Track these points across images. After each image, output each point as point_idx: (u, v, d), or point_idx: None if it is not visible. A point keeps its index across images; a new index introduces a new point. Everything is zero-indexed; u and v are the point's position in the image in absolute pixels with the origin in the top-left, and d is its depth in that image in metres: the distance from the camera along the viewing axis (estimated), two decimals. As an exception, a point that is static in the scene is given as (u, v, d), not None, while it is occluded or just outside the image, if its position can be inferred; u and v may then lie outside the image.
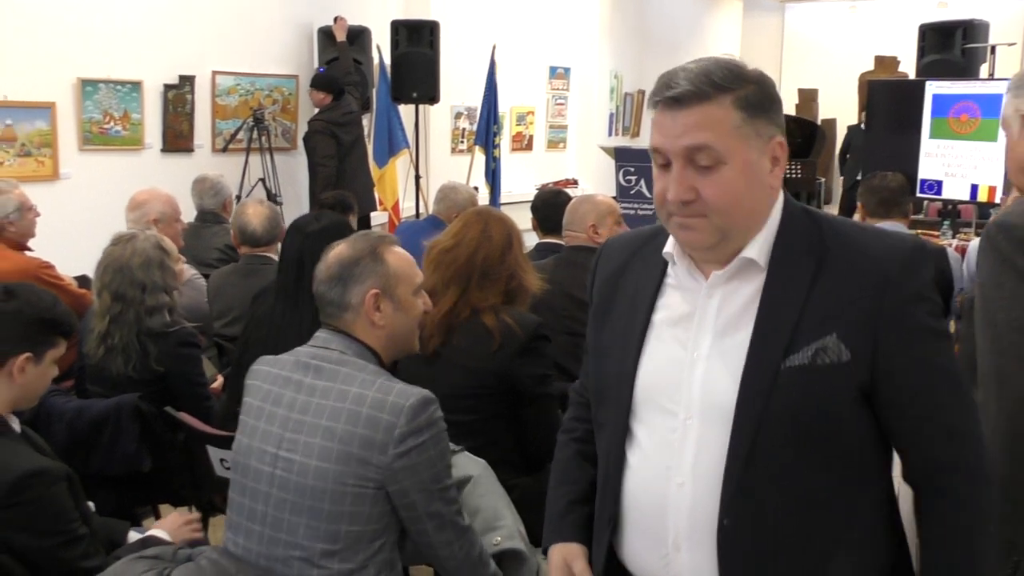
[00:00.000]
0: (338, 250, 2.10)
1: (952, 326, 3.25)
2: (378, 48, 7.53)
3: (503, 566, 2.25)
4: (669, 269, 1.50)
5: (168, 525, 2.34)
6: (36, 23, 5.66)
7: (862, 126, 9.17)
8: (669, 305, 1.49)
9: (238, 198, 6.26)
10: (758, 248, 1.41)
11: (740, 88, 1.37)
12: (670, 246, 1.48)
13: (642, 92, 12.03)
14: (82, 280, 4.37)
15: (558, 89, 10.67)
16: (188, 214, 4.73)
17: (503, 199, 8.31)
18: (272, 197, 6.66)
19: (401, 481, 1.89)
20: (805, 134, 9.24)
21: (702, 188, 1.36)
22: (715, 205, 1.36)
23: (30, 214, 3.97)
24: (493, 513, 2.24)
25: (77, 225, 5.29)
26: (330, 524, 1.88)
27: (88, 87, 5.98)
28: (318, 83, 6.76)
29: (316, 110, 6.84)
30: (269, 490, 1.93)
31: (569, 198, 4.25)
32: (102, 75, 6.04)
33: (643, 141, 11.91)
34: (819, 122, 11.83)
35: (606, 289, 1.59)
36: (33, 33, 5.65)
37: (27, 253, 3.96)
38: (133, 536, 2.37)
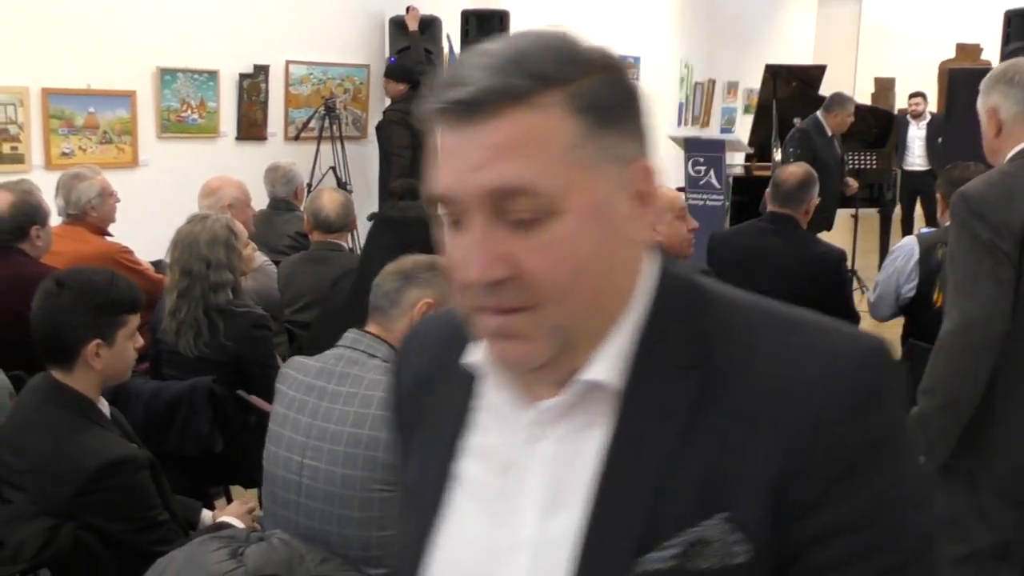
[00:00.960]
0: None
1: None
2: (448, 37, 7.55)
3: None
4: (478, 386, 0.94)
5: (234, 512, 2.38)
6: (119, 15, 5.81)
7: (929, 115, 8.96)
8: (481, 450, 0.92)
9: (309, 186, 6.36)
10: (609, 362, 0.85)
11: (578, 79, 0.82)
12: (478, 352, 0.90)
13: (712, 81, 11.89)
14: (158, 265, 4.49)
15: (628, 78, 10.60)
16: (260, 201, 4.82)
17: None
18: (342, 185, 6.75)
19: None
20: (881, 124, 9.03)
21: (524, 258, 0.80)
22: (548, 285, 0.80)
23: (111, 200, 4.08)
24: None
25: (154, 211, 5.42)
26: (361, 531, 1.86)
27: (167, 76, 6.13)
28: (393, 73, 6.80)
29: (387, 100, 6.90)
30: (298, 499, 1.91)
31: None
32: (180, 64, 6.19)
33: (713, 131, 11.79)
34: (895, 111, 11.55)
35: (406, 411, 1.03)
36: (116, 24, 5.80)
37: (107, 238, 4.08)
38: (206, 516, 2.44)
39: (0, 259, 3.16)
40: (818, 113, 6.79)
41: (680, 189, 8.42)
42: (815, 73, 9.40)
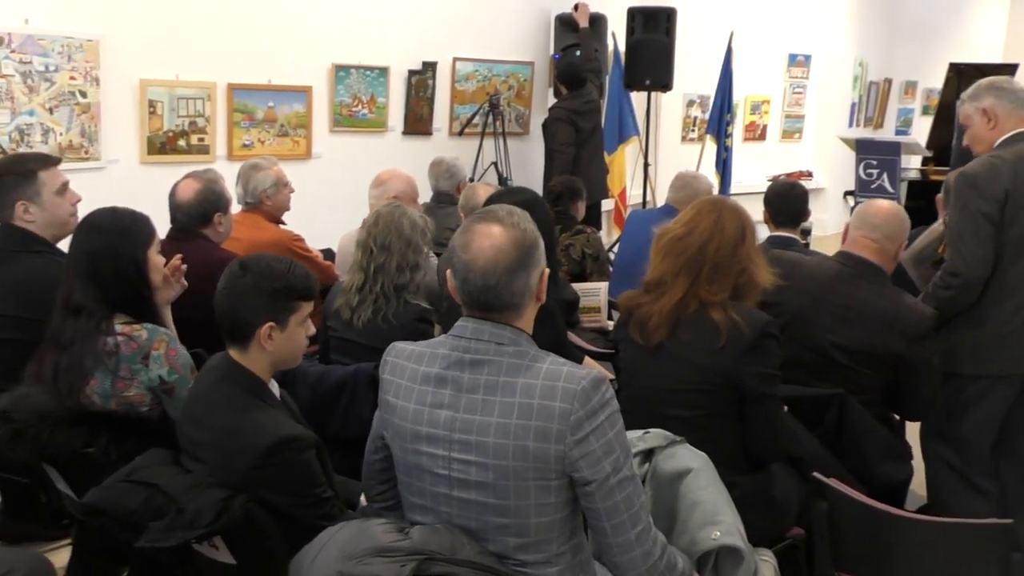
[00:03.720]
0: (508, 235, 1.87)
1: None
2: (613, 35, 7.53)
3: (719, 563, 2.21)
4: None
5: None
6: (298, 15, 6.09)
7: None
8: None
9: (471, 181, 6.47)
10: None
11: None
12: None
13: (888, 81, 11.36)
14: (327, 253, 4.67)
15: (797, 77, 10.27)
16: (424, 195, 4.94)
17: (733, 190, 8.12)
18: (503, 181, 6.83)
19: (582, 469, 1.80)
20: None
21: None
22: None
23: (286, 190, 4.27)
24: (712, 507, 2.19)
25: (324, 202, 5.65)
26: (518, 519, 1.84)
27: (340, 72, 6.37)
28: (561, 73, 6.83)
29: (552, 97, 6.93)
30: (449, 492, 1.89)
31: (804, 191, 4.09)
32: (353, 61, 6.42)
33: (887, 132, 11.26)
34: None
35: None
36: (295, 24, 6.08)
37: (281, 226, 4.27)
38: (364, 497, 2.51)
39: (185, 244, 3.34)
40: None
41: (849, 193, 8.10)
42: (1005, 72, 8.82)
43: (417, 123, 6.91)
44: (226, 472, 2.08)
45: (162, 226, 2.97)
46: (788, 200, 3.96)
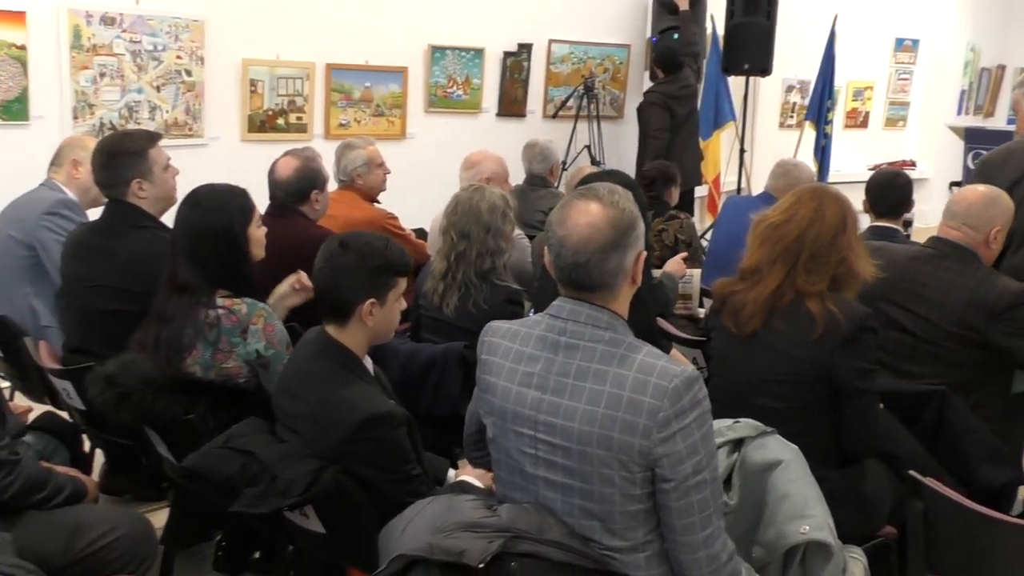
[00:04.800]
0: (603, 214, 1.84)
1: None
2: (712, 18, 7.39)
3: (807, 558, 2.16)
4: None
5: (473, 471, 2.43)
6: (396, -6, 6.15)
7: None
8: None
9: (564, 164, 6.45)
10: None
11: None
12: None
13: (1002, 68, 10.89)
14: (419, 232, 4.72)
15: (903, 63, 9.93)
16: (516, 177, 4.95)
17: (831, 178, 7.92)
18: (596, 164, 6.79)
19: (663, 467, 1.77)
20: None
21: None
22: None
23: (379, 169, 4.32)
24: (803, 501, 2.15)
25: (417, 181, 5.71)
26: (602, 505, 1.82)
27: (436, 53, 6.41)
28: (658, 57, 6.74)
29: (648, 81, 6.86)
30: (535, 472, 1.89)
31: (908, 180, 3.96)
32: (450, 43, 6.45)
33: (998, 121, 10.81)
34: None
35: None
36: (393, 4, 6.15)
37: (376, 204, 4.33)
38: (451, 474, 2.54)
39: (283, 220, 3.42)
40: None
41: (956, 184, 7.80)
42: None
43: (511, 105, 6.92)
44: (319, 444, 2.13)
45: (261, 203, 3.03)
46: (890, 190, 3.83)
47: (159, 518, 2.79)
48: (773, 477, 2.20)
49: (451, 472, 2.52)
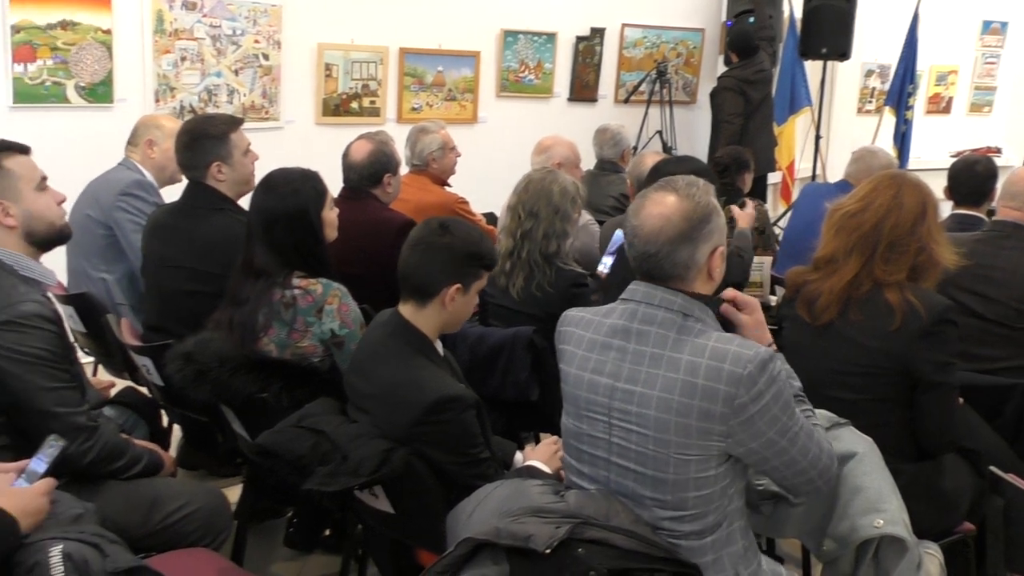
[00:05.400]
0: (678, 205, 1.86)
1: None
2: (789, 1, 7.24)
3: (880, 553, 2.13)
4: None
5: (541, 455, 2.42)
6: (469, -22, 6.15)
7: None
8: None
9: (635, 149, 6.40)
10: None
11: None
12: None
13: (1095, 51, 10.45)
14: (489, 217, 4.74)
15: (990, 46, 9.59)
16: (587, 162, 4.93)
17: (911, 164, 7.71)
18: (668, 150, 6.73)
19: (747, 443, 1.80)
20: None
21: None
22: None
23: (452, 154, 4.35)
24: (877, 494, 2.11)
25: (488, 166, 5.72)
26: (676, 493, 1.83)
27: (509, 37, 6.40)
28: (733, 41, 6.64)
29: (721, 65, 6.76)
30: (608, 458, 1.90)
31: (992, 167, 3.83)
32: (522, 27, 6.44)
33: (1090, 107, 10.37)
34: None
35: None
36: (466, -13, 6.15)
37: (446, 188, 4.36)
38: (518, 457, 2.55)
39: (355, 203, 3.46)
40: None
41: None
42: None
43: (583, 90, 6.88)
44: (389, 425, 2.15)
45: (334, 186, 3.07)
46: (972, 177, 3.73)
47: (233, 494, 2.85)
48: (847, 469, 2.16)
49: (518, 456, 2.53)
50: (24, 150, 2.36)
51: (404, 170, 4.05)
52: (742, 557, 1.90)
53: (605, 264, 3.48)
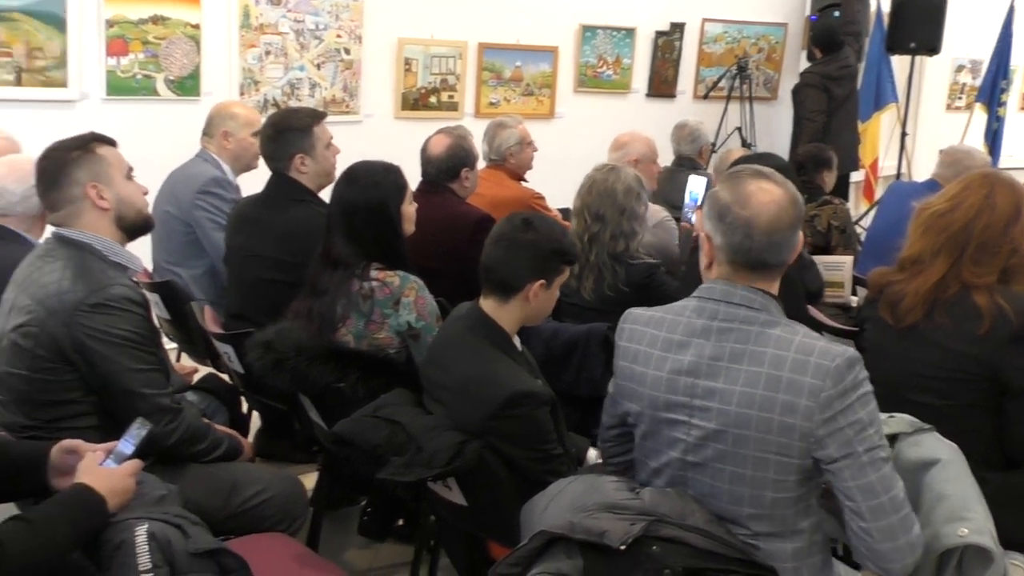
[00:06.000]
0: (783, 192, 1.86)
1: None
2: (878, -5, 7.07)
3: (964, 562, 2.06)
4: None
5: None
6: (549, -28, 6.14)
7: None
8: None
9: (713, 146, 6.32)
10: None
11: None
12: None
13: None
14: (565, 213, 4.72)
15: (1089, 41, 9.21)
16: (665, 158, 4.88)
17: (1003, 163, 7.46)
18: (747, 147, 6.63)
19: (828, 447, 1.75)
20: None
21: None
22: None
23: (528, 148, 4.35)
24: (961, 502, 2.04)
25: (564, 162, 5.69)
26: (754, 490, 1.80)
27: (588, 33, 6.38)
28: (817, 36, 6.50)
29: (804, 61, 6.63)
30: (684, 457, 1.87)
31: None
32: (601, 22, 6.40)
33: None
34: None
35: None
36: (545, -18, 6.15)
37: (522, 183, 4.36)
38: (591, 454, 2.55)
39: (433, 197, 3.49)
40: None
41: None
42: None
43: (661, 85, 6.82)
44: (464, 417, 2.16)
45: (411, 179, 3.10)
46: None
47: (309, 481, 2.90)
48: (929, 476, 2.10)
49: (591, 452, 2.53)
50: (112, 143, 2.43)
51: (481, 164, 4.06)
52: (820, 570, 1.88)
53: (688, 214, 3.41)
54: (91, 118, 4.48)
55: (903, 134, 7.33)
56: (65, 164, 2.32)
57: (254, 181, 3.52)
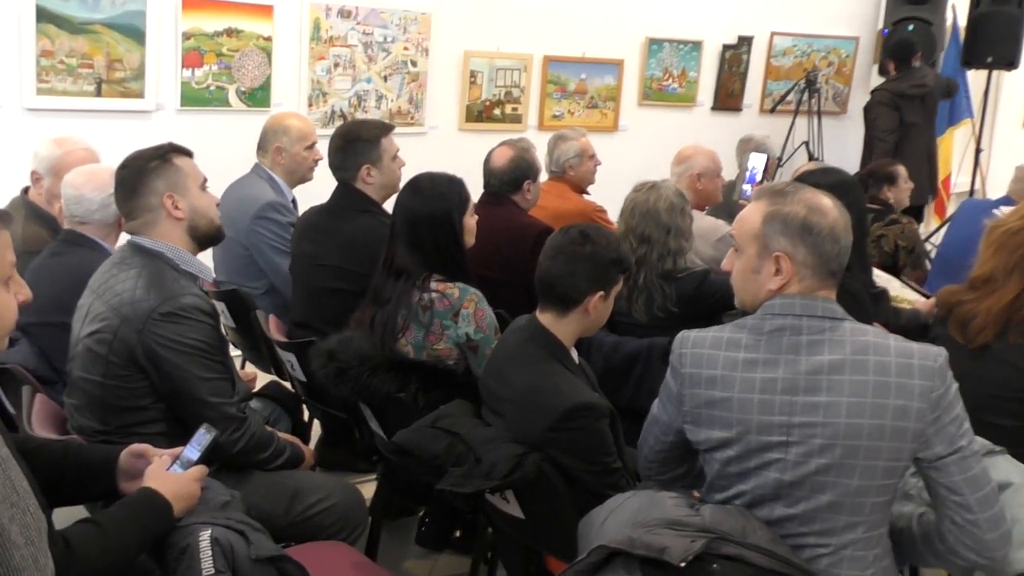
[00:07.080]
0: (833, 200, 1.90)
1: None
2: (953, 8, 6.91)
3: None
4: None
5: None
6: (615, -14, 6.13)
7: None
8: None
9: (779, 160, 6.24)
10: None
11: None
12: None
13: None
14: (625, 227, 4.69)
15: None
16: (730, 172, 4.83)
17: (1081, 182, 7.21)
18: (814, 161, 6.52)
19: (934, 445, 1.78)
20: None
21: None
22: None
23: (590, 162, 4.33)
24: (1032, 528, 1.98)
25: (627, 175, 5.62)
26: (855, 498, 1.79)
27: (654, 46, 6.36)
28: (891, 51, 6.38)
29: (876, 75, 6.51)
30: (780, 476, 1.83)
31: None
32: (667, 35, 6.38)
33: None
34: None
35: None
36: (611, -4, 6.14)
37: (585, 196, 4.35)
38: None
39: (495, 208, 3.50)
40: None
41: None
42: None
43: (727, 99, 6.76)
44: (523, 430, 2.16)
45: (475, 191, 3.11)
46: None
47: (368, 490, 2.92)
48: (1002, 500, 2.04)
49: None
50: (189, 153, 2.49)
51: (544, 177, 4.07)
52: (888, 570, 1.87)
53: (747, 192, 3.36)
54: (165, 128, 4.60)
55: (978, 150, 7.15)
56: (144, 174, 2.38)
57: (316, 192, 3.56)
